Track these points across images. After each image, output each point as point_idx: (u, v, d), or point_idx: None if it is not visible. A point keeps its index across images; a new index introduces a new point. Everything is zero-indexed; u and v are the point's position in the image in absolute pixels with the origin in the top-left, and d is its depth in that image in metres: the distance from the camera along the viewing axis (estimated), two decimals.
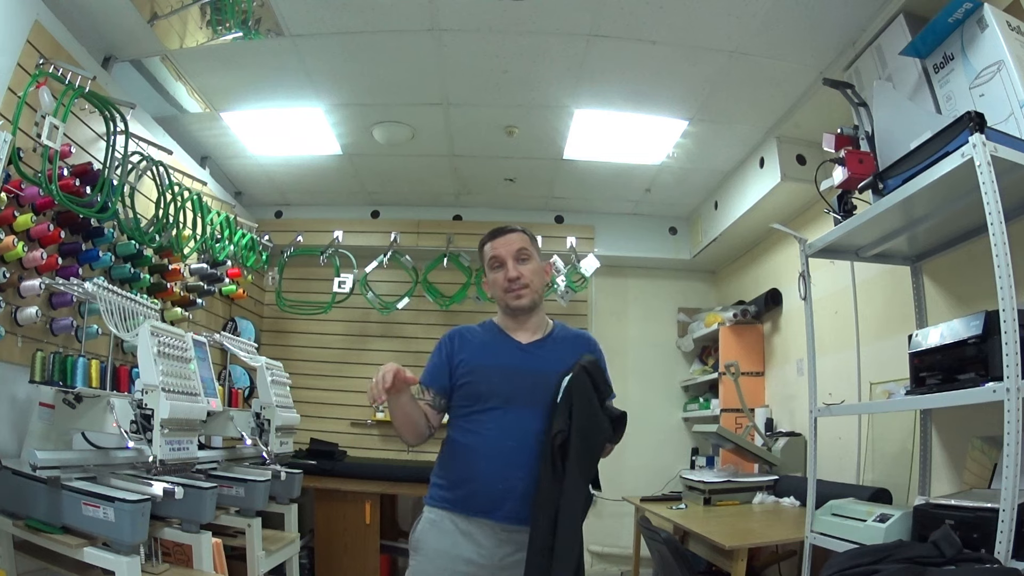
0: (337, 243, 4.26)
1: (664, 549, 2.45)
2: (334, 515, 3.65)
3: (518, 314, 1.73)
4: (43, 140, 2.07)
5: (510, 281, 1.69)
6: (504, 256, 1.71)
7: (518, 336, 1.73)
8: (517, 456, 1.58)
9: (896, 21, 2.15)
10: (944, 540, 1.51)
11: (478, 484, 1.60)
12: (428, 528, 1.63)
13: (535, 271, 1.73)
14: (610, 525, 4.30)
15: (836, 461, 2.87)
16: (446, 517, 1.62)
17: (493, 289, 1.75)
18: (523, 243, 1.73)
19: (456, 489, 1.63)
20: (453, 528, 1.60)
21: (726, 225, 3.89)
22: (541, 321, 1.77)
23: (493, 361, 1.68)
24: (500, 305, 1.76)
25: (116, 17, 2.55)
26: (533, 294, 1.71)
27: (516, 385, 1.63)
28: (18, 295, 2.15)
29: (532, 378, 1.64)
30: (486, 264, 1.77)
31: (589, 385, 1.58)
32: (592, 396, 1.58)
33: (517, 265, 1.70)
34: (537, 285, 1.72)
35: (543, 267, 1.78)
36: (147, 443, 1.93)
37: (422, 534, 1.64)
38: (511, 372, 1.66)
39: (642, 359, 4.66)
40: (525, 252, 1.72)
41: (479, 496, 1.59)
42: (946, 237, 2.21)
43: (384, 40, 2.71)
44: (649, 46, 2.65)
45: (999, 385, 1.47)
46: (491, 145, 3.64)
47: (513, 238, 1.73)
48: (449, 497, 1.64)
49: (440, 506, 1.64)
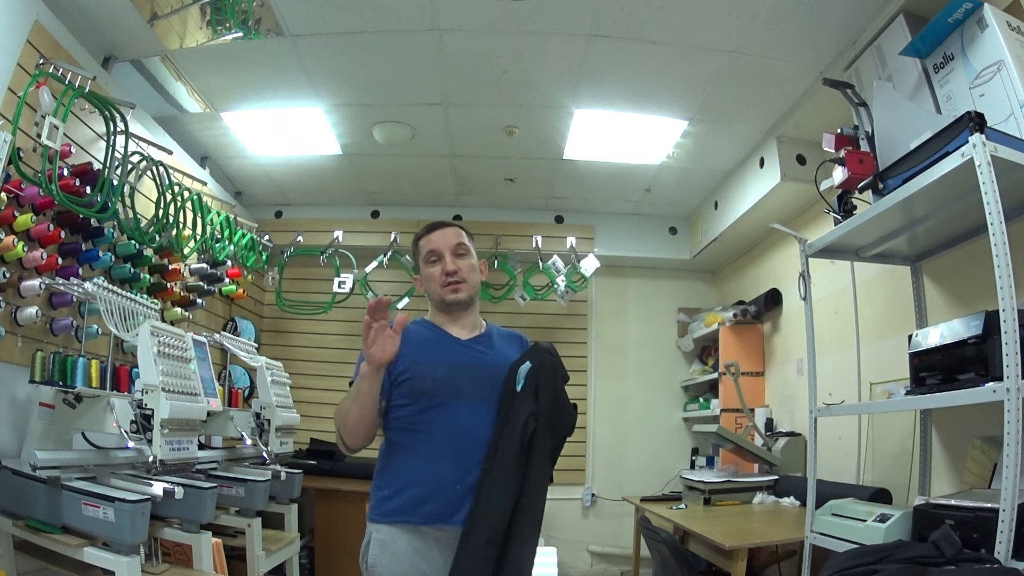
0: (337, 243, 4.27)
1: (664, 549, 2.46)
2: (334, 515, 3.65)
3: (453, 309, 1.66)
4: (43, 140, 2.06)
5: (447, 275, 1.64)
6: (442, 249, 1.66)
7: (457, 332, 1.67)
8: (473, 453, 1.50)
9: (896, 21, 2.15)
10: (944, 540, 1.51)
11: (430, 487, 1.49)
12: (379, 551, 1.49)
13: (472, 267, 1.68)
14: (610, 525, 4.31)
15: (836, 461, 2.87)
16: (397, 535, 1.49)
17: (428, 284, 1.68)
18: (460, 238, 1.69)
19: (404, 495, 1.50)
20: (407, 548, 1.47)
21: (726, 225, 3.89)
22: (476, 320, 1.72)
23: (435, 356, 1.59)
24: (434, 301, 1.69)
25: (116, 17, 2.54)
26: (471, 289, 1.66)
27: (463, 380, 1.56)
28: (18, 295, 2.15)
29: (479, 372, 1.57)
30: (421, 259, 1.70)
31: (556, 365, 1.52)
32: (558, 378, 1.52)
33: (455, 259, 1.65)
34: (474, 281, 1.67)
35: (479, 265, 1.74)
36: (147, 443, 1.93)
37: (375, 558, 1.49)
38: (456, 367, 1.58)
39: (642, 359, 4.67)
40: (463, 247, 1.68)
41: (434, 500, 1.48)
42: (946, 237, 2.21)
43: (384, 40, 2.71)
44: (649, 46, 2.65)
45: (999, 385, 1.47)
46: (491, 145, 3.64)
47: (450, 232, 1.69)
48: (398, 506, 1.50)
49: (387, 520, 1.50)
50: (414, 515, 1.49)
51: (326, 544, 3.66)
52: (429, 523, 1.49)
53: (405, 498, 1.51)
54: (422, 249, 1.70)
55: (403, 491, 1.51)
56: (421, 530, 1.49)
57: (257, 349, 3.34)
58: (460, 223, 1.76)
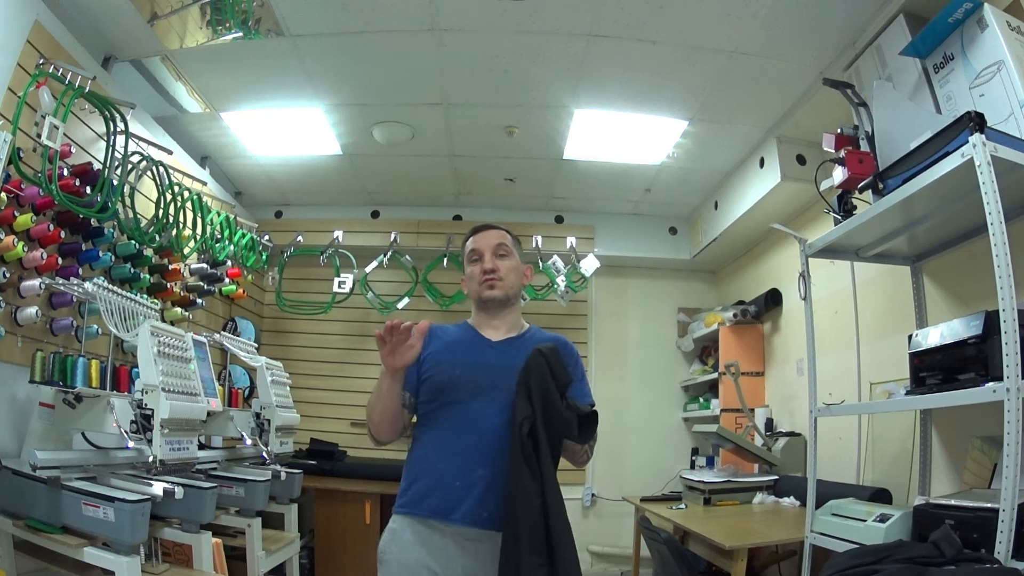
0: (337, 243, 4.27)
1: (664, 549, 2.45)
2: (334, 515, 3.65)
3: (490, 307, 1.68)
4: (43, 140, 2.07)
5: (485, 272, 1.67)
6: (483, 249, 1.69)
7: (489, 334, 1.69)
8: (478, 453, 1.51)
9: (896, 21, 2.15)
10: (944, 540, 1.51)
11: (433, 481, 1.52)
12: (390, 539, 1.55)
13: (512, 268, 1.70)
14: (610, 525, 4.30)
15: (836, 461, 2.87)
16: (406, 525, 1.54)
17: (469, 283, 1.72)
18: (503, 239, 1.71)
19: (414, 488, 1.55)
20: (412, 538, 1.51)
21: (726, 225, 3.89)
22: (516, 321, 1.73)
23: (459, 356, 1.63)
24: (474, 299, 1.72)
25: (116, 17, 2.55)
26: (507, 288, 1.67)
27: (479, 380, 1.58)
28: (18, 295, 2.15)
29: (496, 373, 1.58)
30: (465, 259, 1.74)
31: (545, 366, 1.49)
32: (548, 379, 1.49)
33: (495, 259, 1.68)
34: (512, 281, 1.69)
35: (523, 268, 1.75)
36: (147, 443, 1.93)
37: (385, 544, 1.55)
38: (475, 367, 1.61)
39: (642, 359, 4.67)
40: (504, 248, 1.70)
41: (434, 495, 1.51)
42: (946, 237, 2.21)
43: (384, 40, 2.71)
44: (649, 46, 2.65)
45: (999, 385, 1.47)
46: (491, 145, 3.64)
47: (493, 234, 1.72)
48: (407, 499, 1.56)
49: (401, 511, 1.56)
50: (419, 508, 1.53)
51: (326, 544, 3.66)
52: (433, 517, 1.51)
53: (414, 491, 1.55)
54: (466, 249, 1.75)
55: (413, 484, 1.56)
56: (428, 523, 1.52)
57: (257, 349, 3.34)
58: (506, 227, 1.78)
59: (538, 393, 1.47)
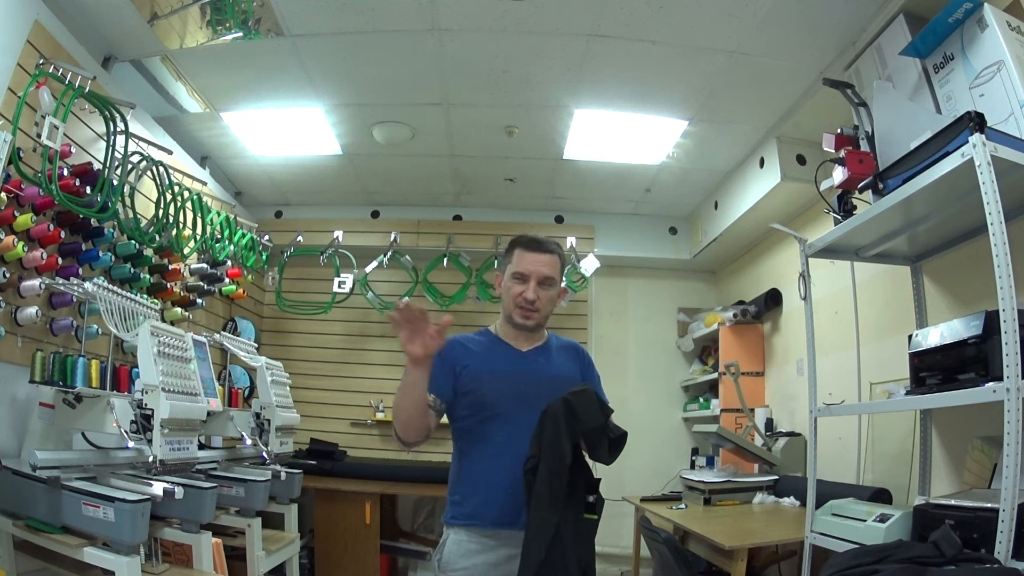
0: (337, 243, 4.27)
1: (664, 549, 2.45)
2: (334, 515, 3.65)
3: (521, 330, 1.73)
4: (43, 140, 2.07)
5: (526, 301, 1.68)
6: (530, 275, 1.69)
7: (519, 344, 1.75)
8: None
9: (896, 21, 2.15)
10: (944, 540, 1.51)
11: (494, 493, 1.58)
12: (454, 549, 1.60)
13: (550, 299, 1.73)
14: (610, 525, 4.28)
15: (836, 461, 2.87)
16: (469, 536, 1.60)
17: (505, 295, 1.73)
18: (552, 271, 1.71)
19: (472, 501, 1.62)
20: (479, 546, 1.59)
21: (726, 225, 3.89)
22: (540, 334, 1.79)
23: (496, 368, 1.68)
24: (505, 313, 1.75)
25: (116, 17, 2.54)
26: (541, 319, 1.72)
27: (522, 390, 1.64)
28: (18, 295, 2.15)
29: (538, 382, 1.65)
30: (510, 268, 1.73)
31: (561, 417, 1.53)
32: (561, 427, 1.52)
33: (538, 288, 1.69)
34: (548, 311, 1.73)
35: (560, 292, 1.78)
36: (147, 443, 1.94)
37: (449, 555, 1.60)
38: (516, 377, 1.67)
39: (642, 359, 4.67)
40: (551, 280, 1.71)
41: (497, 505, 1.58)
42: (946, 237, 2.21)
43: (384, 40, 2.71)
44: (649, 46, 2.65)
45: (999, 385, 1.47)
46: (491, 145, 3.64)
47: (546, 259, 1.70)
48: (467, 511, 1.62)
49: (461, 523, 1.62)
50: (481, 519, 1.60)
51: (326, 544, 3.66)
52: (497, 527, 1.59)
53: (473, 504, 1.62)
54: (514, 259, 1.73)
55: (470, 497, 1.63)
56: (490, 532, 1.59)
57: (257, 349, 3.34)
58: (559, 250, 1.77)
59: (549, 439, 1.52)
